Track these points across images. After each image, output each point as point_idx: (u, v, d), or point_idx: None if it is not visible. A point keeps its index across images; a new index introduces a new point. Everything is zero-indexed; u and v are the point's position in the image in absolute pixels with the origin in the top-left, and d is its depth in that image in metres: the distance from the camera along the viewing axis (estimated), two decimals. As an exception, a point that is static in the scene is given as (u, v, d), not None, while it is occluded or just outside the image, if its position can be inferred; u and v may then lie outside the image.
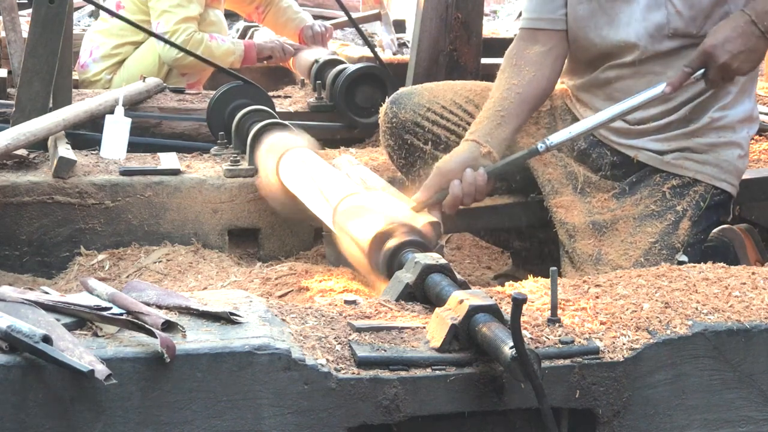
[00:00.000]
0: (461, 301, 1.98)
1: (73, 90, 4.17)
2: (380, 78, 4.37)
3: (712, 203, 2.94)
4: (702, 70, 2.79)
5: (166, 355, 1.80)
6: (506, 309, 2.01)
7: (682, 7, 2.86)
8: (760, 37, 2.73)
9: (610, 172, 3.05)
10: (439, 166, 2.92)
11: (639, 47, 2.91)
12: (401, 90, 3.29)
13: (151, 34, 4.77)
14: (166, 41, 4.64)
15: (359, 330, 2.01)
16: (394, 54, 6.59)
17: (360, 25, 5.24)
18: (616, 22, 2.94)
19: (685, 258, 2.84)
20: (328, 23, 5.78)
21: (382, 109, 3.25)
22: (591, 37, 2.98)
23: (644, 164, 3.00)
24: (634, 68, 2.94)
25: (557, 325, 2.07)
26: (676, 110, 2.95)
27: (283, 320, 2.02)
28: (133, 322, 1.86)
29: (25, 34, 4.00)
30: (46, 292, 2.01)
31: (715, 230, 3.15)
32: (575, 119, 3.07)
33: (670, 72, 2.88)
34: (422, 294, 2.24)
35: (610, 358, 2.02)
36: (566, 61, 3.12)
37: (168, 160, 3.69)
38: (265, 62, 5.45)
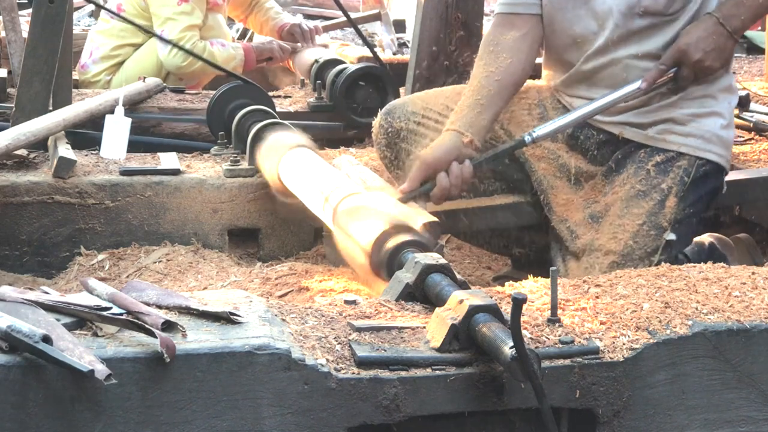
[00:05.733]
0: (461, 301, 1.98)
1: (73, 90, 4.16)
2: (380, 78, 4.37)
3: (698, 175, 2.99)
4: (675, 68, 2.94)
5: (166, 355, 1.80)
6: (506, 309, 2.01)
7: None
8: (728, 37, 2.92)
9: (597, 152, 3.10)
10: (423, 157, 2.95)
11: (609, 27, 2.98)
12: (393, 102, 3.35)
13: (153, 35, 4.75)
14: (175, 45, 4.63)
15: (359, 330, 2.01)
16: (394, 54, 6.58)
17: (360, 25, 5.23)
18: (591, 2, 2.99)
19: (673, 236, 2.88)
20: (316, 22, 5.77)
21: (376, 122, 3.28)
22: (568, 18, 3.05)
23: (629, 141, 3.05)
24: (609, 55, 3.01)
25: (557, 325, 2.07)
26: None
27: (283, 320, 2.02)
28: (133, 322, 1.86)
29: (25, 34, 3.99)
30: (46, 292, 2.01)
31: (706, 237, 3.17)
32: (566, 108, 3.14)
33: (642, 57, 2.97)
34: (422, 294, 2.24)
35: (610, 358, 2.02)
36: (544, 59, 3.21)
37: (168, 160, 3.68)
38: (265, 63, 5.44)
